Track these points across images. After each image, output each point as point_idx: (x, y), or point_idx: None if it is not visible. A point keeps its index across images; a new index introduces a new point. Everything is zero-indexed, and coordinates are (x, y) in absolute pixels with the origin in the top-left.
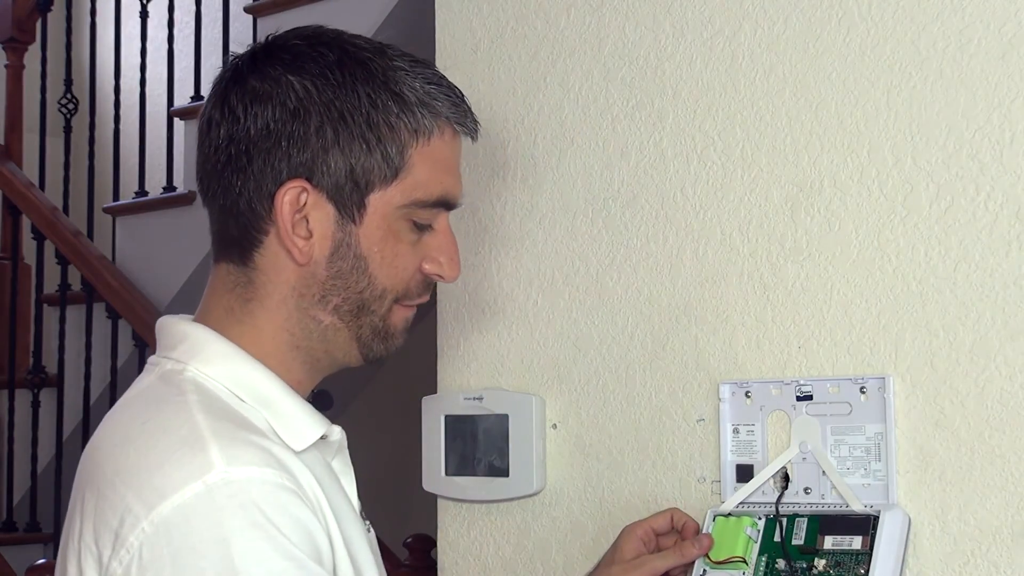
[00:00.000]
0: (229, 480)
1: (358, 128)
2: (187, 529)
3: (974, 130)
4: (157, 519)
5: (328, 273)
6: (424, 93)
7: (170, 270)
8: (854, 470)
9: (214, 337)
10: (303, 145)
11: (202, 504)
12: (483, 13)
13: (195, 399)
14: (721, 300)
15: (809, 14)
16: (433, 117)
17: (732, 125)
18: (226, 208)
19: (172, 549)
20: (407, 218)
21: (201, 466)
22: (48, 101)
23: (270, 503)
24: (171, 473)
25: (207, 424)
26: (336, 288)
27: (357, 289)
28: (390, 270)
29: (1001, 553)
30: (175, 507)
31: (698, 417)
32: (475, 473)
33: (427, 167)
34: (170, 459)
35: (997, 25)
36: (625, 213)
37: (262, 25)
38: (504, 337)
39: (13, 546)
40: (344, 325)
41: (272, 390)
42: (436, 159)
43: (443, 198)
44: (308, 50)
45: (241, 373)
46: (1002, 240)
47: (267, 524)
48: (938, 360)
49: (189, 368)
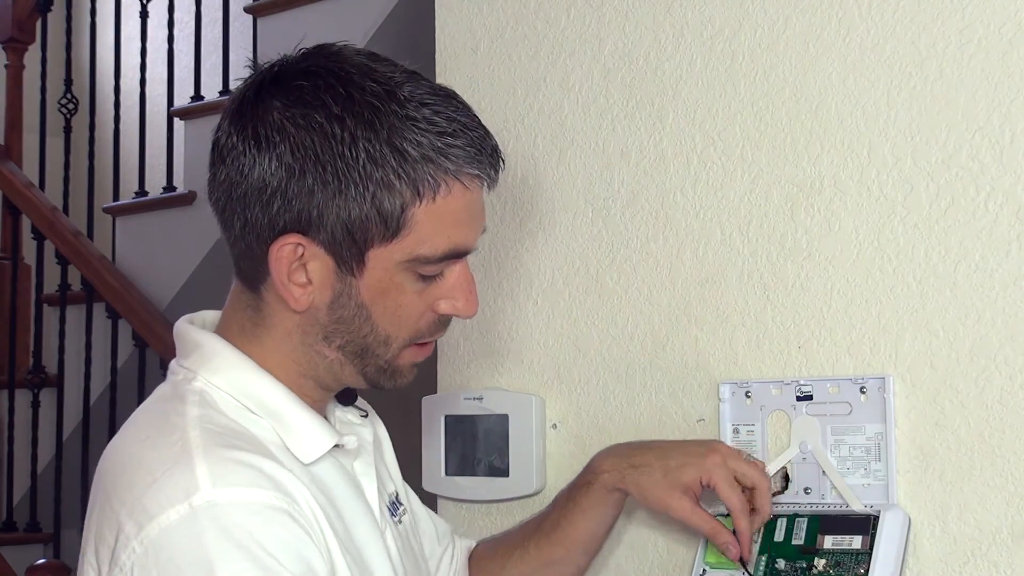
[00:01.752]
0: (214, 503)
1: (356, 187)
2: (172, 552)
3: (974, 130)
4: (146, 540)
5: (330, 319)
6: (432, 147)
7: (170, 270)
8: (854, 470)
9: (225, 347)
10: (298, 201)
11: (186, 527)
12: (483, 13)
13: (195, 414)
14: (721, 300)
15: (809, 14)
16: (442, 173)
17: (732, 125)
18: (231, 240)
19: (159, 571)
20: (411, 271)
21: (187, 488)
22: (48, 101)
23: (255, 525)
24: (158, 493)
25: (200, 442)
26: (339, 331)
27: (360, 335)
28: (394, 319)
29: (1001, 553)
30: (161, 529)
31: (698, 417)
32: (475, 473)
33: (431, 224)
34: (159, 479)
35: (997, 25)
36: (625, 213)
37: (262, 25)
38: (504, 337)
39: (13, 546)
40: (349, 362)
41: (280, 401)
42: (443, 215)
43: (451, 252)
44: (312, 97)
45: (250, 384)
46: (1002, 240)
47: (252, 545)
48: (938, 360)
49: (199, 378)
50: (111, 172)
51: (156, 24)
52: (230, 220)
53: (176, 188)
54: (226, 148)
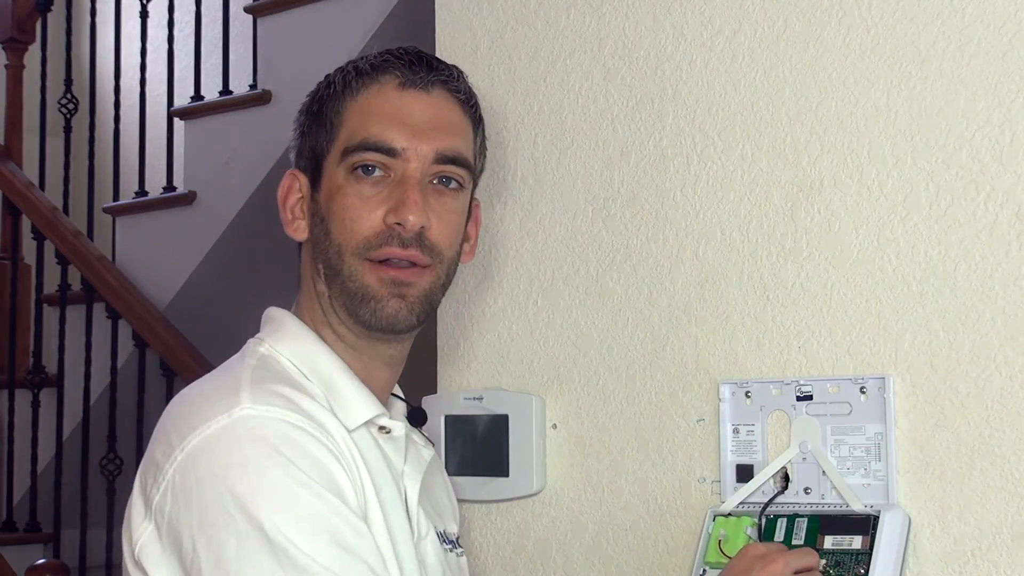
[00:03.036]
0: (251, 415)
1: (318, 113)
2: (211, 456)
3: (974, 130)
4: (188, 447)
5: (313, 243)
6: (370, 62)
7: (170, 270)
8: (854, 470)
9: (293, 321)
10: (296, 141)
11: (225, 434)
12: (483, 13)
13: (253, 363)
14: (721, 300)
15: (809, 14)
16: (371, 75)
17: (732, 125)
18: None
19: (198, 474)
20: (349, 169)
21: (229, 404)
22: (48, 101)
23: (285, 439)
24: (202, 411)
25: (249, 377)
26: (318, 255)
27: (323, 250)
28: (340, 224)
29: (1001, 553)
30: (203, 437)
31: (698, 417)
32: (475, 473)
33: (357, 117)
34: (206, 401)
35: (997, 25)
36: (625, 213)
37: (262, 25)
38: (504, 337)
39: (13, 546)
40: (329, 291)
41: (332, 370)
42: (367, 108)
43: (369, 139)
44: None
45: (308, 352)
46: (1002, 240)
47: (280, 456)
48: (938, 360)
49: (265, 343)
50: (111, 172)
51: (156, 24)
52: None
53: (176, 188)
54: None
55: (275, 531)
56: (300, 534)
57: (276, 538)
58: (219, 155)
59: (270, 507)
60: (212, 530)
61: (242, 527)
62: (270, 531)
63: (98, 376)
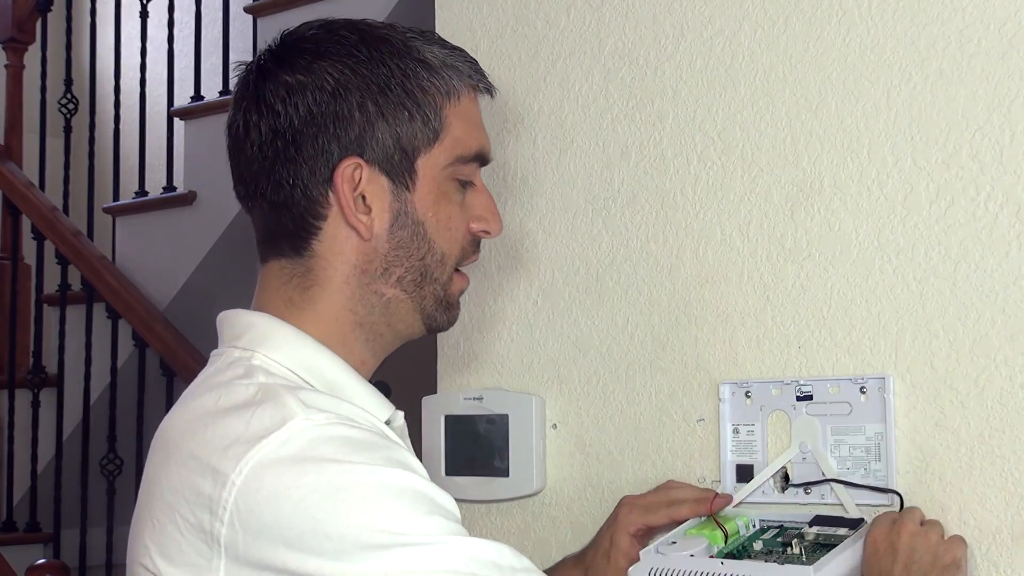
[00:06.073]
0: (310, 424)
1: (396, 97)
2: (274, 475)
3: (974, 130)
4: (244, 469)
5: (390, 245)
6: (445, 57)
7: (170, 270)
8: (854, 470)
9: (279, 324)
10: (349, 123)
11: (284, 448)
12: (483, 13)
13: (262, 380)
14: (721, 300)
15: (809, 14)
16: (459, 78)
17: (732, 125)
18: (278, 204)
19: (263, 495)
20: (452, 177)
21: (282, 416)
22: (48, 101)
23: (354, 435)
24: (250, 428)
25: (277, 384)
26: (399, 258)
27: (419, 256)
28: (446, 233)
29: (1001, 553)
30: (261, 455)
31: (698, 417)
32: (475, 473)
33: (462, 124)
34: (250, 419)
35: (997, 25)
36: (625, 213)
37: (262, 25)
38: (504, 337)
39: (13, 546)
40: (407, 296)
41: (339, 374)
42: (467, 116)
43: (480, 152)
44: (328, 36)
45: (308, 358)
46: (1002, 240)
47: (355, 443)
48: (938, 360)
49: (257, 355)
50: (111, 172)
51: (156, 24)
52: (280, 175)
53: (176, 188)
54: (259, 113)
55: (381, 534)
56: (414, 516)
57: (379, 539)
58: (219, 155)
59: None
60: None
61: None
62: (376, 537)
63: (98, 376)
